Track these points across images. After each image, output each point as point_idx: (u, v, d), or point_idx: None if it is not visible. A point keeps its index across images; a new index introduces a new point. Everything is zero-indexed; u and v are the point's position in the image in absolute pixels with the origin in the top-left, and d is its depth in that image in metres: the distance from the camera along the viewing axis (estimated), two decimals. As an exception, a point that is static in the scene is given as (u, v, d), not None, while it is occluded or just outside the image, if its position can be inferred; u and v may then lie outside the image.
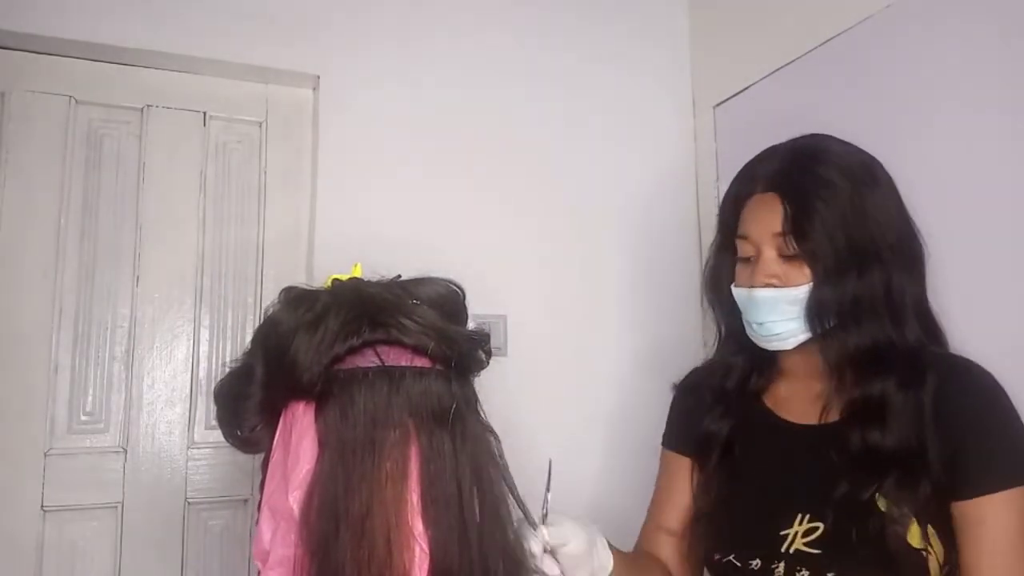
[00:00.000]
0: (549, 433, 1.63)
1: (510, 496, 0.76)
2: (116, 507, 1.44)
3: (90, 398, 1.46)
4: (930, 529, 0.88)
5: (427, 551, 0.66)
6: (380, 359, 0.68)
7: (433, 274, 0.77)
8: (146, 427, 1.48)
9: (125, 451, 1.46)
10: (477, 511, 0.69)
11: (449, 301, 0.75)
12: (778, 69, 1.63)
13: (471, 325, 0.77)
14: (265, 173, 1.62)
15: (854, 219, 0.92)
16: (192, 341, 1.53)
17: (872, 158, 0.99)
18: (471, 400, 0.73)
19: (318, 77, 1.62)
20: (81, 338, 1.46)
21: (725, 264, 1.04)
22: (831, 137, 1.01)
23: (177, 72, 1.57)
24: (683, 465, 1.11)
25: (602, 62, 1.84)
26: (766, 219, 0.95)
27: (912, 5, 1.35)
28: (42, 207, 1.46)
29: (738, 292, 0.99)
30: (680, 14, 1.94)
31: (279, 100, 1.65)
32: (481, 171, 1.69)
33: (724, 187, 1.08)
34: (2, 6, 1.40)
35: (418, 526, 0.66)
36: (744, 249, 0.98)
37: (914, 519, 0.87)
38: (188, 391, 1.52)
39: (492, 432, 0.74)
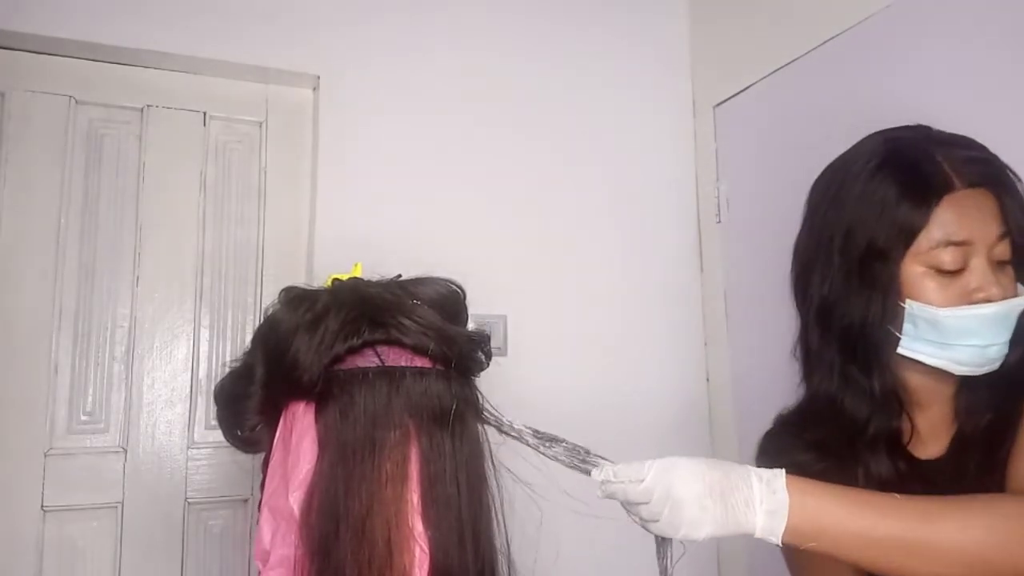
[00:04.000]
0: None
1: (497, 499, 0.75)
2: (116, 507, 1.44)
3: (90, 398, 1.46)
4: None
5: (427, 551, 0.66)
6: (380, 359, 0.68)
7: (433, 274, 0.77)
8: (146, 427, 1.48)
9: (125, 451, 1.46)
10: (477, 511, 0.69)
11: (449, 301, 0.75)
12: (778, 69, 1.63)
13: (471, 325, 0.77)
14: (265, 173, 1.62)
15: None
16: (192, 341, 1.53)
17: None
18: (471, 400, 0.73)
19: (318, 77, 1.62)
20: (81, 338, 1.46)
21: (889, 284, 0.83)
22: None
23: (177, 72, 1.57)
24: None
25: (602, 63, 1.84)
26: (984, 220, 0.80)
27: (912, 5, 1.35)
28: (42, 207, 1.46)
29: (952, 313, 0.80)
30: (680, 14, 1.94)
31: (279, 100, 1.65)
32: (481, 171, 1.69)
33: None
34: (2, 6, 1.40)
35: (418, 526, 0.66)
36: (952, 259, 0.80)
37: None
38: (188, 391, 1.51)
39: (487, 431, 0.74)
